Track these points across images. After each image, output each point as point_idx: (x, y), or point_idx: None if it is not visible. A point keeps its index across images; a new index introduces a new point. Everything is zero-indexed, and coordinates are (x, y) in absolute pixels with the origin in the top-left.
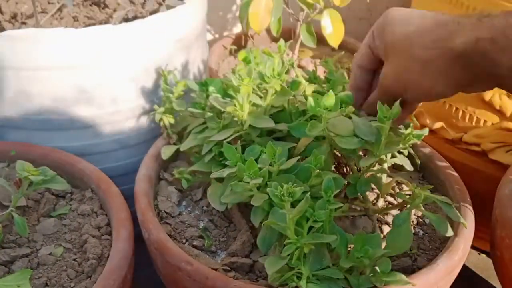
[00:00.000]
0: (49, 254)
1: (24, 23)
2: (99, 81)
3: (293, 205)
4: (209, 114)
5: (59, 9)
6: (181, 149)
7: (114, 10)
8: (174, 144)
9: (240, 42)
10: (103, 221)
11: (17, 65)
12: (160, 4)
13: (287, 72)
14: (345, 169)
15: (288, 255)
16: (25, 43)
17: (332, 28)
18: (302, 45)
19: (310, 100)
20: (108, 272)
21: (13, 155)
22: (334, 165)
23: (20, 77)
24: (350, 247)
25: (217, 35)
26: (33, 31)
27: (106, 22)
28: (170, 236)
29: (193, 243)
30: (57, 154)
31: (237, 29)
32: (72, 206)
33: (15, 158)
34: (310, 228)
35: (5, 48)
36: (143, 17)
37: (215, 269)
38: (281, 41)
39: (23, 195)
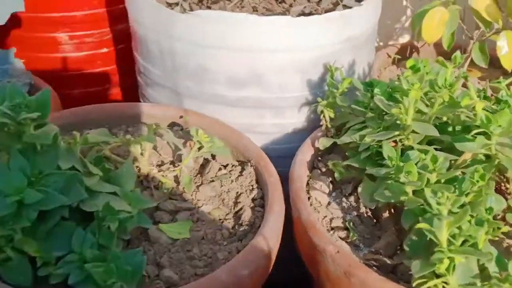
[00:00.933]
0: (208, 213)
1: (209, 7)
2: (270, 66)
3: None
4: (370, 114)
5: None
6: (338, 143)
7: (290, 5)
8: (331, 137)
9: (404, 53)
10: (258, 194)
11: (202, 42)
12: (337, 4)
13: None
14: (506, 193)
15: (435, 263)
16: (213, 23)
17: (508, 49)
18: (470, 64)
19: (482, 115)
20: (259, 239)
21: (186, 121)
22: (495, 187)
23: (202, 53)
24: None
25: (381, 43)
26: (220, 13)
27: (283, 15)
28: None
29: (338, 234)
30: (224, 127)
31: (403, 39)
32: (232, 176)
33: (189, 125)
34: (464, 241)
35: (194, 26)
36: (318, 13)
37: None
38: (457, 53)
39: (193, 157)
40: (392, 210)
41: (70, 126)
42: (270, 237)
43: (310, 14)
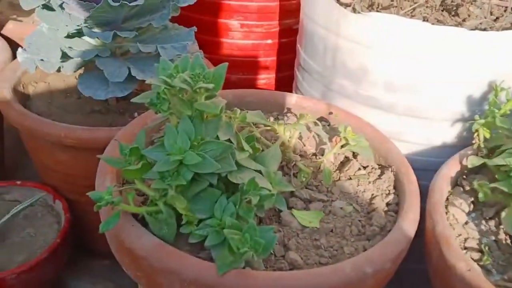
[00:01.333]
0: (341, 208)
1: (378, 11)
2: (431, 76)
3: None
4: None
5: (413, 8)
6: (489, 164)
7: (464, 20)
8: (482, 157)
9: None
10: (393, 199)
11: (367, 43)
12: None
13: None
14: None
15: None
16: (383, 26)
17: None
18: None
19: None
20: (388, 242)
21: (335, 117)
22: None
23: (366, 53)
24: None
25: None
26: (393, 17)
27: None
28: None
29: (471, 255)
30: (370, 129)
31: None
32: (371, 178)
33: (337, 121)
34: None
35: (363, 27)
36: (495, 30)
37: None
38: None
39: (335, 153)
40: None
41: (227, 105)
42: (399, 243)
43: (484, 29)
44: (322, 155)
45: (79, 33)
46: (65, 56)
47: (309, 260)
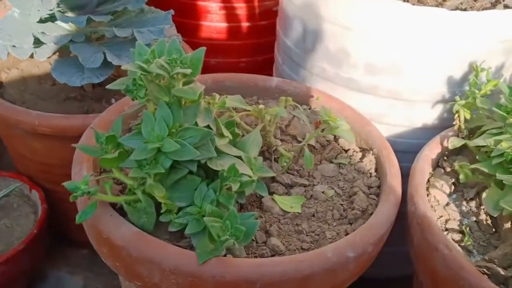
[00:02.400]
0: (322, 192)
1: None
2: (412, 57)
3: None
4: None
5: None
6: (470, 145)
7: (444, 0)
8: (463, 138)
9: None
10: (375, 182)
11: (349, 25)
12: (498, 3)
13: None
14: None
15: None
16: (363, 7)
17: None
18: None
19: None
20: (370, 225)
21: (316, 100)
22: None
23: (347, 36)
24: None
25: None
26: None
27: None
28: None
29: (452, 236)
30: (351, 112)
31: None
32: (352, 160)
33: (318, 105)
34: None
35: (342, 9)
36: (475, 10)
37: None
38: None
39: (317, 136)
40: None
41: (206, 90)
42: (380, 226)
43: (465, 10)
44: (303, 139)
45: (52, 18)
46: (38, 42)
47: (291, 246)
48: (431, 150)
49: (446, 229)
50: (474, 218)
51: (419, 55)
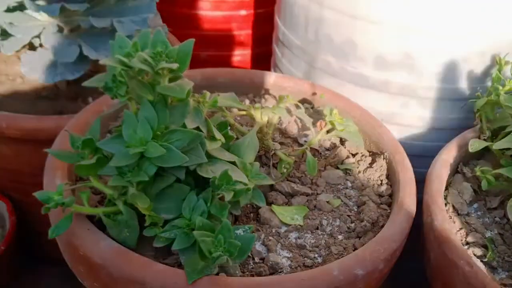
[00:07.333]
0: (327, 201)
1: None
2: (427, 49)
3: None
4: None
5: None
6: (493, 148)
7: None
8: (485, 140)
9: None
10: (386, 190)
11: (355, 13)
12: None
13: None
14: None
15: None
16: None
17: None
18: None
19: None
20: (381, 239)
21: (320, 99)
22: None
23: (353, 25)
24: None
25: None
26: None
27: None
28: None
29: (474, 250)
30: (359, 111)
31: None
32: (360, 166)
33: (322, 103)
34: None
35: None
36: None
37: None
38: None
39: (320, 139)
40: None
41: (196, 87)
42: (393, 240)
43: None
44: (305, 142)
45: (20, 7)
46: (4, 34)
47: (292, 263)
48: (449, 154)
49: (467, 243)
50: (497, 231)
51: (435, 46)
